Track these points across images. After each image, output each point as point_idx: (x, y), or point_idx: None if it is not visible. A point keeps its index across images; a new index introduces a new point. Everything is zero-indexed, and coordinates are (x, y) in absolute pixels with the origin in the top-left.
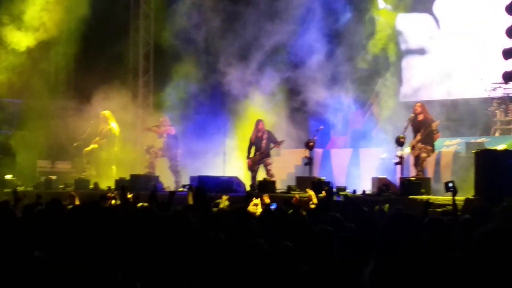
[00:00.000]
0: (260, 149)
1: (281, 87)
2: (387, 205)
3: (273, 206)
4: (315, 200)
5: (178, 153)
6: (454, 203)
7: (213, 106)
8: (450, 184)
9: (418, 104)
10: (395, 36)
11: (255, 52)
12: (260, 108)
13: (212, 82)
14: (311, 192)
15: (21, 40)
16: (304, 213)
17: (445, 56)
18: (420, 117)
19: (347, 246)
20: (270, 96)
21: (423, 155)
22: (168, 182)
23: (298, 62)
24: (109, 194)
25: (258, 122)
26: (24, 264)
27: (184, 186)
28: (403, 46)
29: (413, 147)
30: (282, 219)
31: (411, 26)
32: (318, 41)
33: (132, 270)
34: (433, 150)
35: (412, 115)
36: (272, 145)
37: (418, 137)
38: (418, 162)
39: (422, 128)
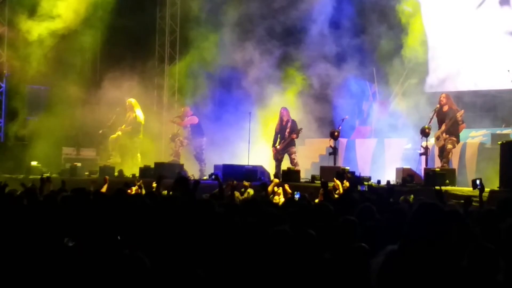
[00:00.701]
0: (284, 138)
1: (307, 76)
2: (412, 196)
3: (297, 195)
4: (341, 190)
5: (203, 141)
6: (481, 200)
7: (238, 94)
8: (478, 182)
9: (443, 95)
10: (422, 26)
11: (281, 42)
12: (285, 97)
13: (237, 71)
14: (337, 182)
15: (47, 27)
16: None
17: (471, 47)
18: (445, 108)
19: (370, 235)
20: (295, 85)
21: (449, 146)
22: (193, 171)
23: (324, 52)
24: (137, 184)
25: (283, 110)
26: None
27: (211, 176)
28: (429, 37)
29: (438, 138)
30: (306, 208)
31: (438, 17)
32: (344, 31)
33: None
34: (458, 141)
35: (438, 106)
36: (293, 134)
37: (443, 127)
38: (444, 153)
39: (447, 119)
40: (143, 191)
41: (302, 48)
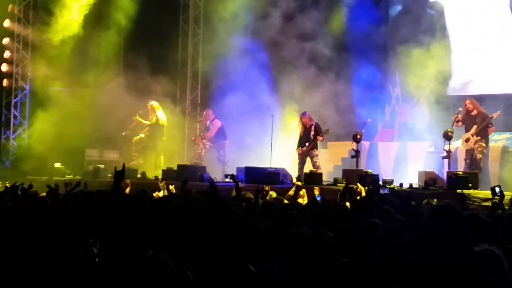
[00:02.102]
0: (309, 140)
1: (328, 78)
2: (435, 200)
3: (318, 198)
4: (363, 194)
5: (226, 143)
6: (502, 207)
7: (259, 97)
8: (497, 189)
9: (468, 100)
10: (445, 29)
11: (302, 44)
12: (307, 101)
13: (259, 75)
14: (361, 188)
15: (70, 30)
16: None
17: (495, 50)
18: (474, 112)
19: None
20: (316, 88)
21: (479, 156)
22: (215, 173)
23: (346, 53)
24: (160, 184)
25: (304, 114)
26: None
27: (226, 177)
28: (452, 39)
29: (467, 140)
30: (327, 210)
31: (461, 20)
32: (368, 33)
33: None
34: (487, 145)
35: (460, 109)
36: (318, 137)
37: (473, 130)
38: (474, 162)
39: (478, 122)
40: (166, 192)
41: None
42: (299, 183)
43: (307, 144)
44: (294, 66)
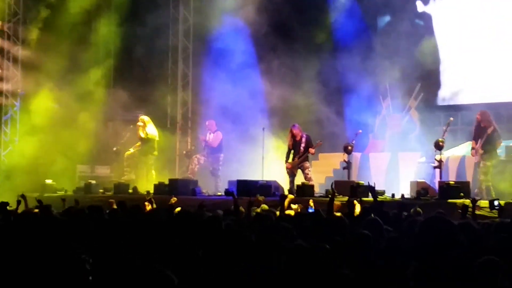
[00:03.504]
0: (299, 153)
1: (319, 90)
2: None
3: (310, 210)
4: (357, 211)
5: (221, 157)
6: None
7: (252, 109)
8: (496, 203)
9: (479, 112)
10: (434, 39)
11: (293, 59)
12: (298, 112)
13: (252, 85)
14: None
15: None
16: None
17: (485, 59)
18: (484, 123)
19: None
20: (308, 99)
21: (482, 177)
22: (207, 186)
23: (336, 66)
24: (147, 198)
25: (293, 126)
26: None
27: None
28: (441, 49)
29: (476, 151)
30: (320, 222)
31: (450, 29)
32: (357, 43)
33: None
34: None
35: (451, 119)
36: (310, 149)
37: (480, 143)
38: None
39: (484, 135)
40: (154, 206)
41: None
42: (291, 196)
43: (296, 157)
44: (282, 79)
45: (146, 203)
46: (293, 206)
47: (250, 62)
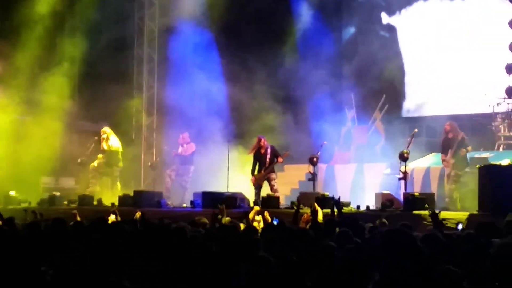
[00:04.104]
0: (265, 165)
1: (284, 102)
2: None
3: (275, 221)
4: (320, 217)
5: (191, 169)
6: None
7: (217, 120)
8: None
9: (448, 123)
10: (399, 51)
11: (259, 68)
12: (264, 123)
13: (217, 97)
14: (317, 207)
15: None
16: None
17: (449, 71)
18: (450, 135)
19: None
20: (273, 111)
21: (455, 194)
22: (173, 198)
23: (301, 77)
24: (111, 210)
25: (260, 138)
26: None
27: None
28: (406, 61)
29: (447, 162)
30: (285, 234)
31: (415, 41)
32: (322, 54)
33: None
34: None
35: (416, 130)
36: (276, 159)
37: (449, 154)
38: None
39: (454, 146)
40: (119, 218)
41: (278, 74)
42: (257, 208)
43: (262, 169)
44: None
45: (110, 216)
46: (256, 218)
47: (215, 73)
